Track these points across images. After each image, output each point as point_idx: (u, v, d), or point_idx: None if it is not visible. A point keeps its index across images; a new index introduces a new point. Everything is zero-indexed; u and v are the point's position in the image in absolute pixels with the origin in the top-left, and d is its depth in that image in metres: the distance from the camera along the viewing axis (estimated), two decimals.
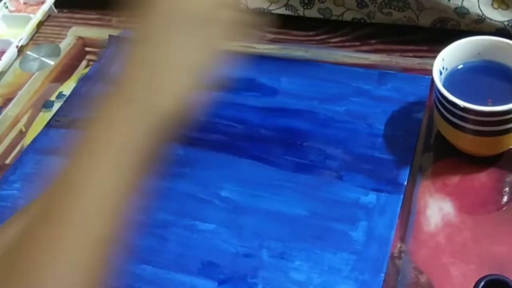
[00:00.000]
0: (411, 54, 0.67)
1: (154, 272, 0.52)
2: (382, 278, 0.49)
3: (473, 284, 0.43)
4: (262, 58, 0.69)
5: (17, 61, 0.76)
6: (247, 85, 0.66)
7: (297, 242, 0.52)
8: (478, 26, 0.64)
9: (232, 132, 0.62)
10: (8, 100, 0.72)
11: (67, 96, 0.70)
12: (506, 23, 0.63)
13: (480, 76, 0.55)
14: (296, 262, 0.51)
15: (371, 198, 0.54)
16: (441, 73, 0.53)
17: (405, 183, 0.55)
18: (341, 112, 0.62)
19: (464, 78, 0.55)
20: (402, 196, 0.54)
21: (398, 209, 0.53)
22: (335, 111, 0.62)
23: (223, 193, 0.57)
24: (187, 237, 0.54)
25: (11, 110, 0.70)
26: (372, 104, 0.62)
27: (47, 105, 0.70)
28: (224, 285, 0.51)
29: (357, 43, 0.70)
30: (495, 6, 0.63)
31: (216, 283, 0.51)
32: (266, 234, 0.53)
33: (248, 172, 0.58)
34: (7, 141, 0.67)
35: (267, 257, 0.52)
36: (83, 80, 0.71)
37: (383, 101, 0.62)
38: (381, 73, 0.65)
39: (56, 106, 0.69)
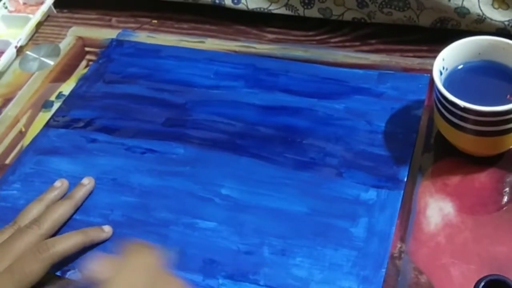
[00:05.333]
0: (411, 54, 0.67)
1: None
2: (383, 274, 0.49)
3: (473, 285, 0.43)
4: (261, 57, 0.70)
5: (17, 61, 0.76)
6: (246, 83, 0.67)
7: (298, 239, 0.53)
8: (479, 26, 0.64)
9: (232, 130, 0.62)
10: (7, 100, 0.71)
11: (66, 96, 0.70)
12: (506, 23, 0.63)
13: (480, 76, 0.55)
14: (298, 259, 0.51)
15: (371, 194, 0.54)
16: (441, 73, 0.53)
17: (405, 179, 0.55)
18: (340, 109, 0.62)
19: (464, 78, 0.55)
20: (402, 192, 0.54)
21: (399, 205, 0.53)
22: (334, 109, 0.62)
23: (223, 191, 0.57)
24: (188, 235, 0.54)
25: (11, 110, 0.70)
26: (371, 102, 0.62)
27: (47, 105, 0.70)
28: (226, 282, 0.51)
29: (357, 43, 0.70)
30: (496, 6, 0.63)
31: (218, 281, 0.51)
32: (267, 231, 0.53)
33: (248, 170, 0.58)
34: (6, 141, 0.67)
35: (268, 254, 0.52)
36: (81, 80, 0.71)
37: (382, 98, 0.62)
38: (380, 73, 0.65)
39: (56, 106, 0.69)
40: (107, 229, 0.55)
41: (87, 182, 0.59)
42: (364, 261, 0.50)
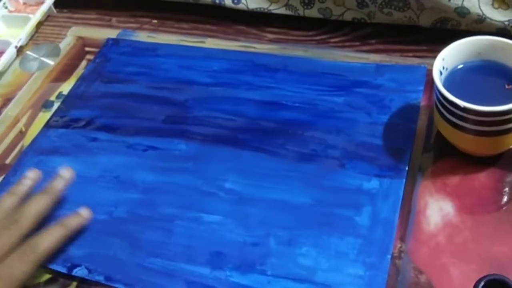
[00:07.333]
0: (411, 54, 0.67)
1: (163, 264, 0.53)
2: (389, 260, 0.50)
3: (473, 284, 0.43)
4: (261, 54, 0.70)
5: (17, 61, 0.76)
6: (245, 79, 0.67)
7: (303, 229, 0.53)
8: (479, 26, 0.64)
9: (233, 125, 0.63)
10: (8, 100, 0.72)
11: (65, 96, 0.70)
12: (506, 23, 0.63)
13: (480, 76, 0.55)
14: (304, 248, 0.52)
15: (374, 184, 0.55)
16: (441, 73, 0.53)
17: (406, 168, 0.56)
18: (340, 102, 0.63)
19: (464, 78, 0.55)
20: (404, 180, 0.55)
21: (401, 193, 0.54)
22: (334, 102, 0.63)
23: (227, 185, 0.57)
24: (194, 229, 0.55)
25: (11, 110, 0.70)
26: (370, 94, 0.63)
27: (47, 105, 0.70)
28: (234, 273, 0.51)
29: (357, 43, 0.70)
30: (496, 6, 0.63)
31: (226, 272, 0.51)
32: (272, 222, 0.54)
33: (250, 163, 0.59)
34: (7, 141, 0.67)
35: (274, 245, 0.52)
36: (79, 80, 0.71)
37: (380, 90, 0.63)
38: (378, 66, 0.66)
39: (56, 106, 0.69)
40: (83, 212, 0.55)
41: (66, 173, 0.56)
42: (369, 248, 0.51)
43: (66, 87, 0.71)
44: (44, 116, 0.68)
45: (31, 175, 0.57)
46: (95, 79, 0.71)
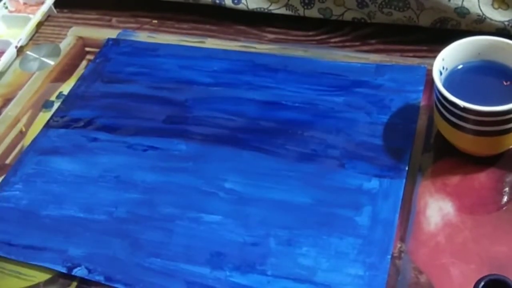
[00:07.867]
0: (411, 54, 0.67)
1: (163, 264, 0.53)
2: (389, 260, 0.50)
3: (473, 284, 0.43)
4: (261, 54, 0.70)
5: (17, 61, 0.76)
6: (245, 79, 0.67)
7: (303, 229, 0.53)
8: (478, 26, 0.64)
9: (233, 125, 0.63)
10: (8, 100, 0.72)
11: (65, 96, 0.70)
12: (506, 23, 0.63)
13: (480, 76, 0.55)
14: (304, 248, 0.52)
15: (374, 183, 0.55)
16: (441, 73, 0.53)
17: (406, 168, 0.56)
18: (340, 102, 0.63)
19: (464, 78, 0.55)
20: (404, 180, 0.55)
21: (401, 193, 0.54)
22: (334, 102, 0.63)
23: (227, 185, 0.57)
24: (194, 229, 0.55)
25: (11, 110, 0.70)
26: (370, 94, 0.63)
27: (47, 105, 0.70)
28: (233, 274, 0.51)
29: (357, 43, 0.70)
30: (496, 6, 0.63)
31: (226, 272, 0.51)
32: (272, 222, 0.54)
33: (250, 163, 0.59)
34: (7, 141, 0.67)
35: (274, 245, 0.52)
36: (79, 80, 0.71)
37: (380, 90, 0.63)
38: (378, 66, 0.66)
39: (56, 106, 0.69)
40: None
41: None
42: (369, 248, 0.51)
43: (66, 87, 0.71)
44: (44, 116, 0.68)
45: None
46: (95, 79, 0.71)
